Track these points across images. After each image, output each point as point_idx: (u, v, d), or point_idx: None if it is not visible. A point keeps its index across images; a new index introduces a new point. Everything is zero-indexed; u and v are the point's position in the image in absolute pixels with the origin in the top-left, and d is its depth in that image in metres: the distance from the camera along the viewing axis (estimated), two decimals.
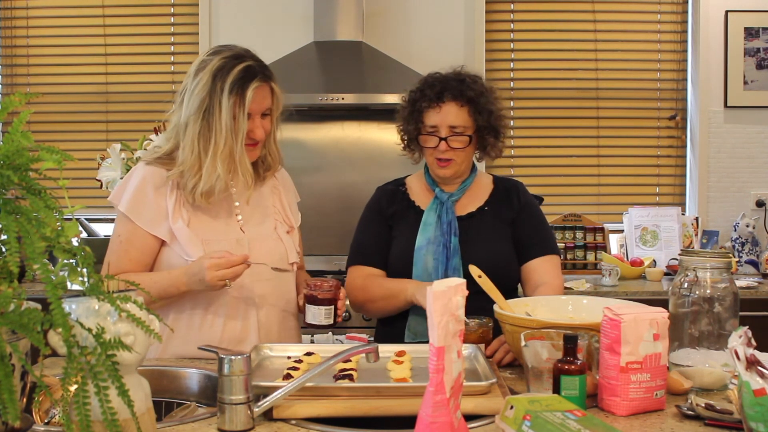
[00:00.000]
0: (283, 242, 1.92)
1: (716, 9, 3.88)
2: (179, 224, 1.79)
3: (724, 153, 3.93)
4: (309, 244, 3.89)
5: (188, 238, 1.78)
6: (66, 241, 0.96)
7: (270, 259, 1.84)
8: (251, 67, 1.78)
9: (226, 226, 1.85)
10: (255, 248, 1.84)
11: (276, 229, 1.93)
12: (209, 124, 1.74)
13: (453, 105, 1.97)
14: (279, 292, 1.90)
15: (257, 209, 1.92)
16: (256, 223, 1.90)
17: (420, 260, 1.99)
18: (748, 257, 3.67)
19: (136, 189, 1.80)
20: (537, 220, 2.10)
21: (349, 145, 3.84)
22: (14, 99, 0.98)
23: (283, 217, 1.97)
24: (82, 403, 0.91)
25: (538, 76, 4.01)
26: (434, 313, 1.05)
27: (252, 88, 1.75)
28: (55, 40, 3.99)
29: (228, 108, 1.73)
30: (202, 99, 1.75)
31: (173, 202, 1.79)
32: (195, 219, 1.82)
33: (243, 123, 1.75)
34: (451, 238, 1.99)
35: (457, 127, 1.97)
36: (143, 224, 1.78)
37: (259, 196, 1.93)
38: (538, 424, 1.10)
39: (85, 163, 3.48)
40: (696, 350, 1.56)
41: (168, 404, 1.65)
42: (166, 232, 1.79)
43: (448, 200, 2.04)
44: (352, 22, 3.61)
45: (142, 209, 1.79)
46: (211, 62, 1.76)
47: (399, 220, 2.09)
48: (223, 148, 1.74)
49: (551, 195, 3.85)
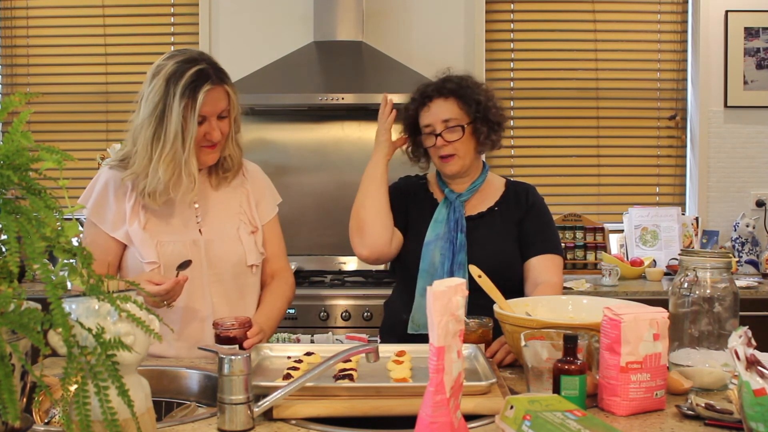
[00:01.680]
0: (243, 244, 1.93)
1: (716, 9, 3.89)
2: (134, 227, 1.83)
3: (724, 153, 3.93)
4: (309, 244, 3.92)
5: (142, 241, 1.82)
6: (66, 241, 0.96)
7: (228, 261, 1.89)
8: (203, 70, 1.80)
9: (184, 227, 1.89)
10: (212, 249, 1.88)
11: (238, 230, 1.94)
12: (161, 128, 1.78)
13: (439, 100, 2.05)
14: (237, 294, 1.93)
15: (219, 210, 1.94)
16: (216, 224, 1.92)
17: (428, 255, 2.04)
18: (748, 257, 3.67)
19: (98, 193, 1.86)
20: (543, 219, 2.13)
21: (349, 145, 3.84)
22: (14, 99, 0.98)
23: (248, 218, 1.98)
24: (82, 403, 0.91)
25: (538, 76, 4.01)
26: (434, 313, 1.05)
27: (203, 91, 1.77)
28: (55, 40, 3.99)
29: (178, 112, 1.76)
30: (156, 103, 1.78)
31: (131, 205, 1.84)
32: (153, 221, 1.86)
33: (193, 126, 1.78)
34: (458, 234, 2.04)
35: (449, 120, 2.03)
36: (105, 228, 1.84)
37: (221, 197, 1.96)
38: (538, 424, 1.10)
39: (85, 163, 3.50)
40: (696, 350, 1.56)
41: (168, 404, 1.65)
42: (124, 235, 1.84)
43: (456, 200, 2.09)
44: (352, 22, 3.61)
45: (104, 213, 1.85)
46: (166, 67, 1.80)
47: (416, 207, 2.14)
48: (168, 151, 1.78)
49: (551, 195, 3.85)
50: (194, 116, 1.77)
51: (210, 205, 1.93)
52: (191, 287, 1.84)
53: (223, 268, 1.90)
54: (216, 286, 1.89)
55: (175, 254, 1.84)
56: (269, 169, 2.03)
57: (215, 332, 1.71)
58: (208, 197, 1.94)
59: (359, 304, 3.14)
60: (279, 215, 2.09)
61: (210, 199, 1.94)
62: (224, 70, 1.86)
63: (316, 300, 3.16)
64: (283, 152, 3.83)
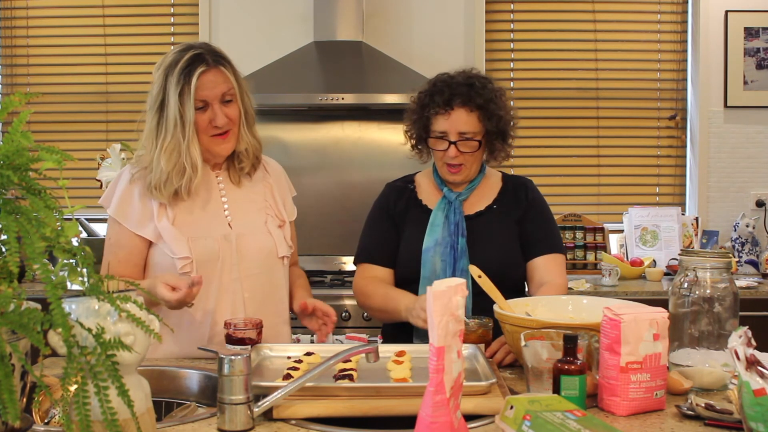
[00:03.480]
0: (273, 236, 1.91)
1: (716, 9, 3.88)
2: (164, 223, 1.80)
3: (724, 153, 3.93)
4: (309, 244, 3.91)
5: (173, 237, 1.80)
6: (66, 241, 0.96)
7: (259, 253, 1.87)
8: (198, 54, 1.77)
9: (214, 221, 1.86)
10: (243, 243, 1.86)
11: (266, 224, 1.92)
12: (162, 119, 1.77)
13: (462, 111, 1.95)
14: (269, 288, 1.91)
15: (246, 204, 1.92)
16: (245, 218, 1.90)
17: (428, 262, 1.99)
18: (748, 257, 3.67)
19: (122, 192, 1.84)
20: (543, 217, 2.09)
21: (349, 145, 3.84)
22: (14, 99, 0.98)
23: (275, 212, 1.96)
24: (82, 403, 0.91)
25: (538, 76, 4.01)
26: (434, 313, 1.05)
27: (197, 73, 1.75)
28: (55, 40, 3.99)
29: (175, 99, 1.74)
30: (156, 95, 1.78)
31: (158, 202, 1.82)
32: (181, 216, 1.83)
33: (190, 111, 1.75)
34: (458, 239, 1.99)
35: (467, 132, 1.96)
36: (130, 226, 1.82)
37: (246, 192, 1.93)
38: (538, 424, 1.10)
39: (85, 163, 3.49)
40: (696, 350, 1.56)
41: (168, 404, 1.65)
42: (152, 232, 1.81)
43: (456, 200, 2.04)
44: (352, 22, 3.61)
45: (128, 212, 1.82)
46: (165, 59, 1.80)
47: (406, 219, 2.09)
48: (169, 142, 1.76)
49: (551, 195, 3.84)
50: (191, 101, 1.75)
51: (236, 200, 1.91)
52: (222, 284, 1.82)
53: (254, 261, 1.87)
54: (248, 281, 1.86)
55: (206, 249, 1.81)
56: None
57: (226, 332, 1.70)
58: (234, 192, 1.91)
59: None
60: None
61: (235, 193, 1.91)
62: (224, 54, 1.83)
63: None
64: (283, 152, 3.83)
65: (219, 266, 1.82)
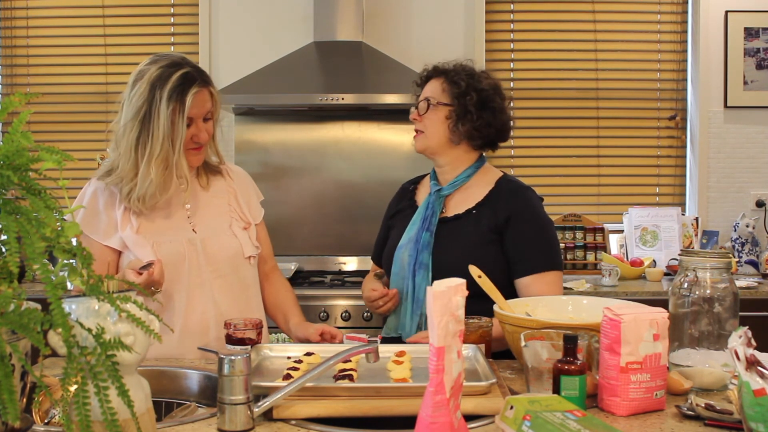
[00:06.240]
0: (238, 238, 1.97)
1: (716, 9, 3.89)
2: (127, 232, 1.86)
3: (724, 153, 3.93)
4: (309, 244, 3.92)
5: (137, 243, 1.85)
6: (66, 241, 0.96)
7: (225, 254, 1.93)
8: (189, 73, 1.84)
9: (178, 228, 1.91)
10: (208, 245, 1.91)
11: (231, 226, 1.98)
12: (147, 132, 1.81)
13: (433, 80, 2.07)
14: (239, 288, 1.95)
15: (209, 209, 1.98)
16: (209, 222, 1.96)
17: (398, 258, 2.05)
18: (748, 257, 3.67)
19: (87, 205, 1.89)
20: (529, 232, 1.95)
21: (349, 145, 3.84)
22: (14, 99, 0.98)
23: (239, 215, 2.01)
24: (82, 403, 0.91)
25: (538, 76, 4.01)
26: (434, 313, 1.05)
27: (191, 93, 1.82)
28: (55, 40, 3.99)
29: (167, 115, 1.80)
30: (139, 107, 1.81)
31: (122, 212, 1.87)
32: (145, 224, 1.88)
33: (182, 129, 1.82)
34: (423, 233, 2.00)
35: (431, 98, 2.03)
36: (98, 237, 1.87)
37: (210, 197, 1.99)
38: (538, 424, 1.10)
39: (85, 163, 3.50)
40: (696, 350, 1.56)
41: (168, 404, 1.65)
42: (118, 241, 1.87)
43: (436, 193, 2.04)
44: (352, 22, 3.61)
45: (94, 223, 1.87)
46: (149, 71, 1.83)
47: (398, 219, 2.16)
48: (159, 154, 1.81)
49: (551, 195, 3.85)
50: (183, 119, 1.81)
51: (200, 205, 1.97)
52: (191, 285, 1.86)
53: (221, 262, 1.92)
54: (217, 282, 1.91)
55: (172, 252, 1.86)
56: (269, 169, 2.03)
57: (226, 332, 1.71)
58: (198, 198, 1.97)
59: (359, 304, 3.14)
60: (278, 216, 2.11)
61: (199, 199, 1.97)
62: (206, 73, 1.91)
63: (316, 300, 3.16)
64: (283, 152, 3.83)
65: (186, 268, 1.87)
